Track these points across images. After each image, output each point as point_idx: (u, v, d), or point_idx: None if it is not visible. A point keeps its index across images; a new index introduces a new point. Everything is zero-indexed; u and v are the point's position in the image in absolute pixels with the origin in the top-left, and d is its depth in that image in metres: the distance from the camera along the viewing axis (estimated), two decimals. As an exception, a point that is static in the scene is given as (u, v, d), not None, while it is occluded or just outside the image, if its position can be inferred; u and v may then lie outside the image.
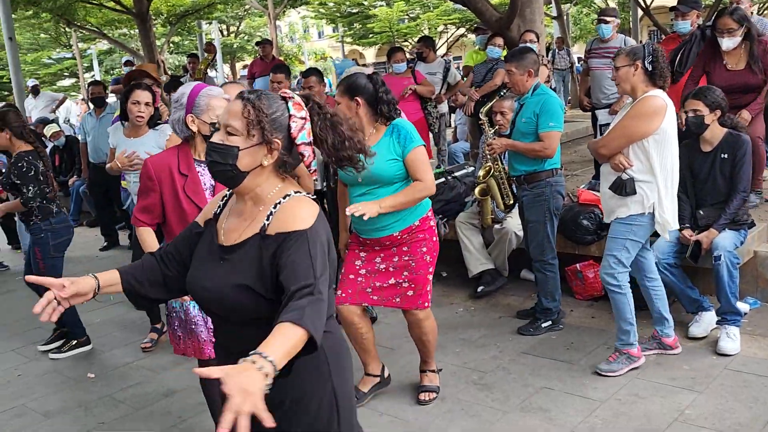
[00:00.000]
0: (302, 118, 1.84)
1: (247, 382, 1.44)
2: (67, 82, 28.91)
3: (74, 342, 4.76)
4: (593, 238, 4.74)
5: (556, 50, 14.58)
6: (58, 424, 3.75)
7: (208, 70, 10.56)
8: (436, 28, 24.35)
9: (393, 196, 3.29)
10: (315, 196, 2.01)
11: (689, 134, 4.11)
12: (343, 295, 3.49)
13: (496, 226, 5.14)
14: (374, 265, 3.47)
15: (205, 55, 10.44)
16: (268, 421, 1.44)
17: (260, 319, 1.78)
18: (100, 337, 4.99)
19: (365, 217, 3.12)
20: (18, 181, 4.44)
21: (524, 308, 4.73)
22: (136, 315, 5.41)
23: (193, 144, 2.99)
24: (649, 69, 3.53)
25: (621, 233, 3.66)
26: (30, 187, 4.44)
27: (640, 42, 10.93)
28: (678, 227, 3.81)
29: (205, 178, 2.96)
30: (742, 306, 4.10)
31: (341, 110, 3.28)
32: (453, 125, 8.64)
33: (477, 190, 4.99)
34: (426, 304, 3.51)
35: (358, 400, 3.54)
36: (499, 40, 7.06)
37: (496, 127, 4.85)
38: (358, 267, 3.50)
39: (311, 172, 1.96)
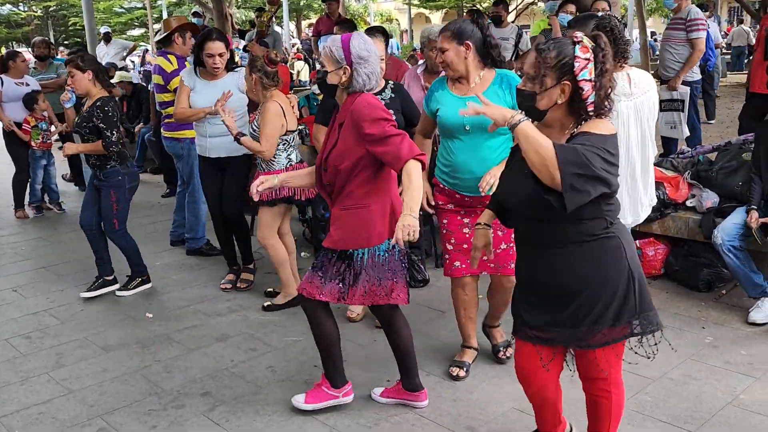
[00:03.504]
0: (586, 59, 2.19)
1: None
2: (137, 31, 29.43)
3: (138, 280, 4.94)
4: (656, 215, 4.61)
5: None
6: (117, 358, 3.90)
7: (273, 25, 10.56)
8: (506, -6, 23.76)
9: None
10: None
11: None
12: (463, 266, 3.39)
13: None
14: None
15: (268, 7, 10.40)
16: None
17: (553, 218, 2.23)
18: (159, 279, 5.15)
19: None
20: (103, 125, 4.53)
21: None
22: (194, 260, 5.57)
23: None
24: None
25: None
26: (114, 132, 4.55)
27: (712, 15, 10.39)
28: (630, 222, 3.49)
29: None
30: (808, 295, 3.95)
31: (449, 57, 3.26)
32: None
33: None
34: None
35: (464, 370, 3.53)
36: (571, 7, 6.85)
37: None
38: (467, 235, 3.38)
39: (588, 104, 2.22)
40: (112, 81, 8.86)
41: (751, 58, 10.13)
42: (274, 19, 11.73)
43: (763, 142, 4.09)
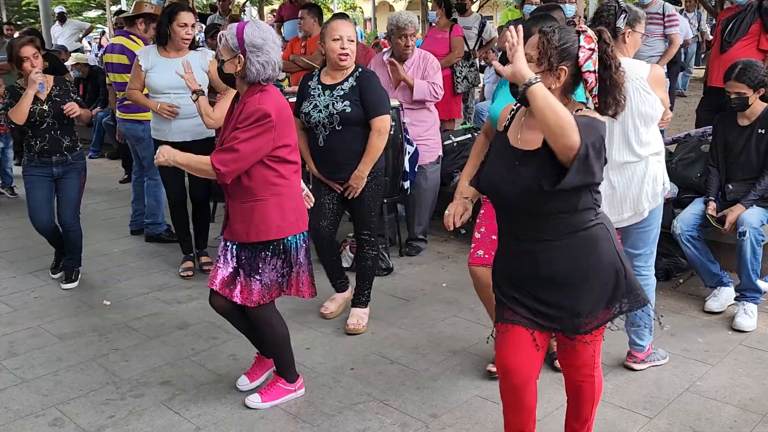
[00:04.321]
0: (590, 49, 2.17)
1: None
2: (93, 13, 28.71)
3: (79, 268, 4.79)
4: (616, 205, 4.68)
5: (685, 12, 11.11)
6: (73, 347, 3.80)
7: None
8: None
9: None
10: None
11: (728, 108, 4.02)
12: (486, 256, 3.31)
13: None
14: None
15: None
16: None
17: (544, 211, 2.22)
18: (117, 267, 5.04)
19: None
20: (80, 99, 4.52)
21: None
22: (154, 247, 5.46)
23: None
24: None
25: None
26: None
27: (684, 10, 10.54)
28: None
29: None
30: (763, 284, 4.05)
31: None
32: (482, 84, 8.54)
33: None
34: None
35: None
36: (536, -2, 6.90)
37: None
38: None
39: (593, 95, 2.19)
40: (68, 63, 8.63)
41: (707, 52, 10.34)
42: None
43: (720, 135, 4.17)
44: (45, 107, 4.44)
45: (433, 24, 7.22)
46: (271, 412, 3.13)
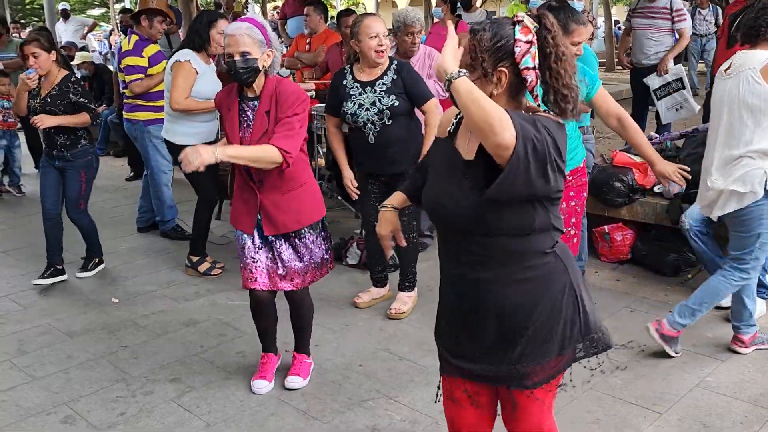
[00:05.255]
0: (527, 42, 1.82)
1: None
2: (96, 11, 28.71)
3: (96, 260, 4.87)
4: (624, 201, 4.67)
5: (698, 9, 10.80)
6: (82, 344, 3.81)
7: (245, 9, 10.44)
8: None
9: None
10: None
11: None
12: None
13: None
14: None
15: None
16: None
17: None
18: (124, 264, 5.05)
19: None
20: (84, 99, 4.49)
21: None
22: (161, 244, 5.47)
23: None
24: None
25: None
26: (95, 104, 4.55)
27: (698, 7, 10.46)
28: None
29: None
30: (771, 279, 4.03)
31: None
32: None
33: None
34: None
35: None
36: (543, -9, 6.87)
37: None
38: None
39: (534, 97, 1.86)
40: (74, 62, 8.63)
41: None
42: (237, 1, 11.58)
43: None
44: (36, 104, 4.50)
45: (438, 20, 7.20)
46: (281, 409, 3.14)
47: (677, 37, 6.37)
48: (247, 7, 9.87)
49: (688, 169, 3.31)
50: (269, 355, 3.37)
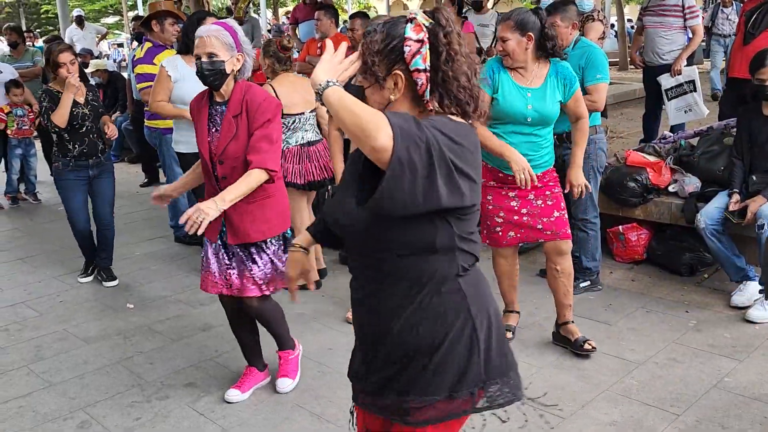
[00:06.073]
0: (418, 41, 1.64)
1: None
2: (110, 19, 28.98)
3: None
4: (638, 200, 4.63)
5: (721, 7, 10.26)
6: (98, 350, 3.83)
7: (251, 11, 10.46)
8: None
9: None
10: None
11: (754, 97, 3.97)
12: (517, 235, 3.48)
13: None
14: (531, 203, 3.42)
15: None
16: None
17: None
18: (139, 270, 5.08)
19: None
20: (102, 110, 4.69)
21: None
22: (175, 250, 5.50)
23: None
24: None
25: None
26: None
27: (721, 5, 10.32)
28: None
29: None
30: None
31: (510, 46, 3.26)
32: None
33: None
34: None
35: (511, 333, 3.69)
36: (553, -9, 6.84)
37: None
38: (516, 207, 3.44)
39: (426, 101, 1.67)
40: (88, 70, 8.70)
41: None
42: (251, 5, 11.62)
43: (745, 127, 4.11)
44: (86, 110, 4.55)
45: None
46: (296, 413, 3.14)
47: (690, 35, 6.32)
48: (247, 12, 9.86)
49: (590, 189, 3.52)
50: (252, 369, 3.34)
